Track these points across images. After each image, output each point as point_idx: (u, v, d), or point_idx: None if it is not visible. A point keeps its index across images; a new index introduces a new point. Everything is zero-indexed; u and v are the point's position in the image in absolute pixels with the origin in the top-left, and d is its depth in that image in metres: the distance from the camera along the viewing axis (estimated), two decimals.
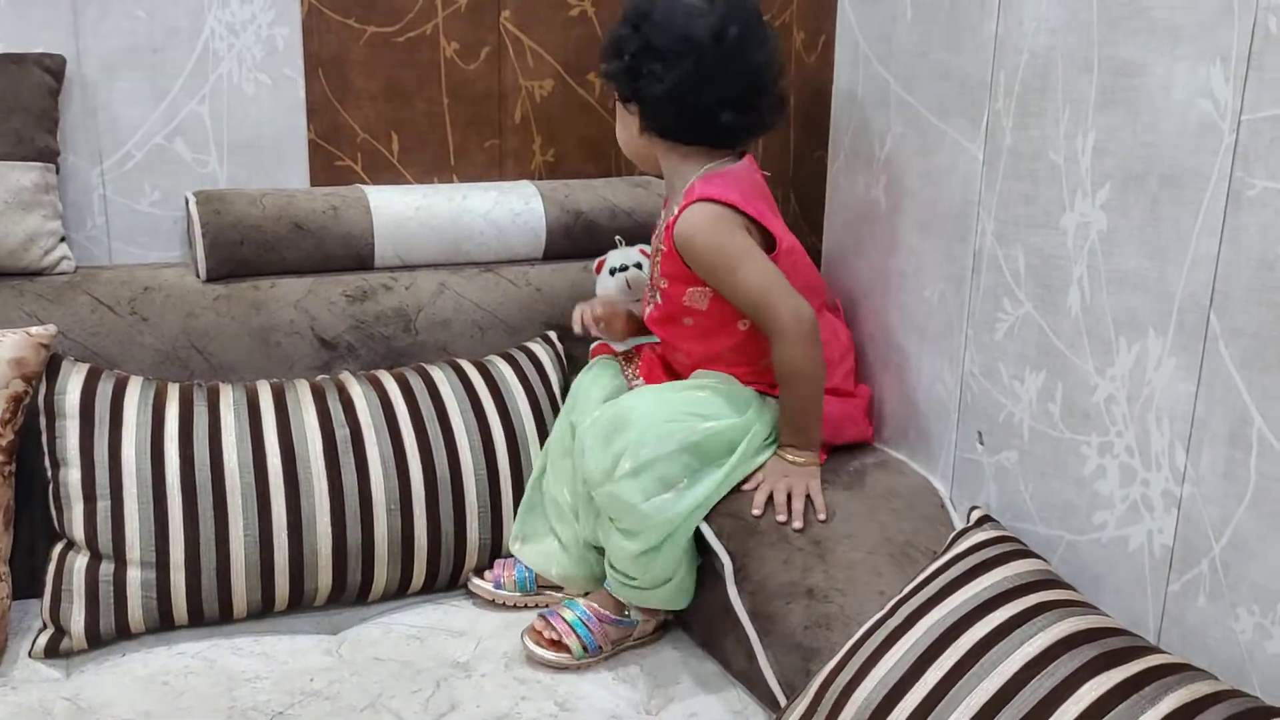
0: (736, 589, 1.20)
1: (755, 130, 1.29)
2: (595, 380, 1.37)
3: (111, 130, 1.46)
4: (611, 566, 1.25)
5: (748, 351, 1.28)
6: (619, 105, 1.32)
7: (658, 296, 1.31)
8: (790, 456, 1.23)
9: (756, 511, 1.21)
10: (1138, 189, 0.97)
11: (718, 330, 1.28)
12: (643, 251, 1.51)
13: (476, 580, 1.35)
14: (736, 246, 1.21)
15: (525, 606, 1.33)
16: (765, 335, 1.23)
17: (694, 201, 1.23)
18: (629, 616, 1.26)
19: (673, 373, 1.36)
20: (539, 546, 1.35)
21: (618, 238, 1.54)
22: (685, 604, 1.27)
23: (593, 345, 1.51)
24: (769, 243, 1.25)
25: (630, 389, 1.34)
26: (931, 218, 1.24)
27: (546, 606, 1.30)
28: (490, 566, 1.36)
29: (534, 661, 1.22)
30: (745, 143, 1.30)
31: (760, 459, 1.25)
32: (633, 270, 1.48)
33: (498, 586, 1.33)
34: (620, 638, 1.26)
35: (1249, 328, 0.88)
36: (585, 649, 1.23)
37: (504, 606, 1.33)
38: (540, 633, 1.23)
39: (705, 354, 1.31)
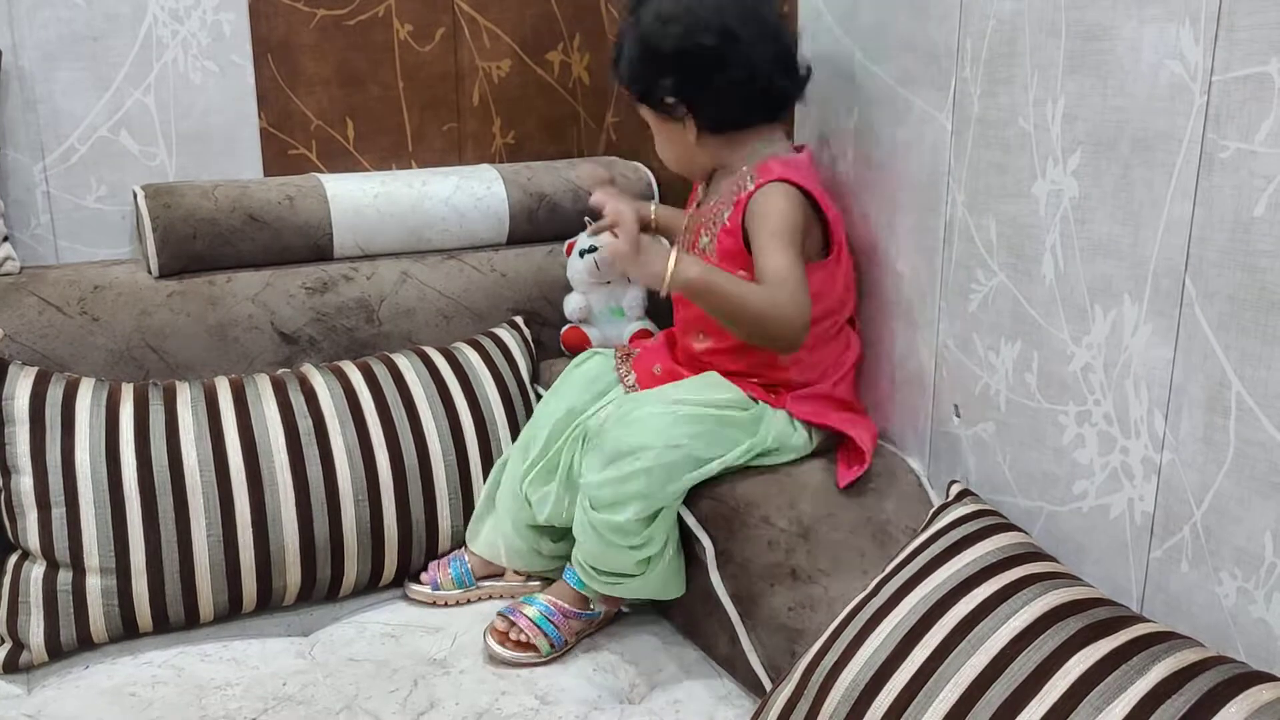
0: (718, 572, 1.18)
1: (802, 85, 1.27)
2: (587, 370, 1.34)
3: (53, 123, 1.41)
4: (594, 569, 1.22)
5: (759, 354, 1.24)
6: (661, 125, 1.27)
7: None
8: (671, 255, 1.15)
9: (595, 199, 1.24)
10: (1109, 154, 0.95)
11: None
12: (613, 233, 1.48)
13: (414, 586, 1.32)
14: (792, 227, 1.19)
15: (467, 601, 1.31)
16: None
17: (777, 180, 1.20)
18: (592, 609, 1.25)
19: (674, 360, 1.32)
20: (488, 535, 1.33)
21: (588, 219, 1.51)
22: (680, 592, 1.25)
23: (564, 329, 1.49)
24: (823, 247, 1.24)
25: (625, 390, 1.31)
26: (901, 190, 1.22)
27: (488, 599, 1.29)
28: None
29: (498, 662, 1.20)
30: (792, 105, 1.30)
31: (753, 457, 1.23)
32: (603, 251, 1.45)
33: (435, 588, 1.31)
34: (582, 629, 1.25)
35: (1225, 290, 0.87)
36: (553, 645, 1.21)
37: (446, 605, 1.30)
38: (504, 633, 1.21)
39: (729, 343, 1.25)
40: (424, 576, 1.33)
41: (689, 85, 1.22)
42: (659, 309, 1.48)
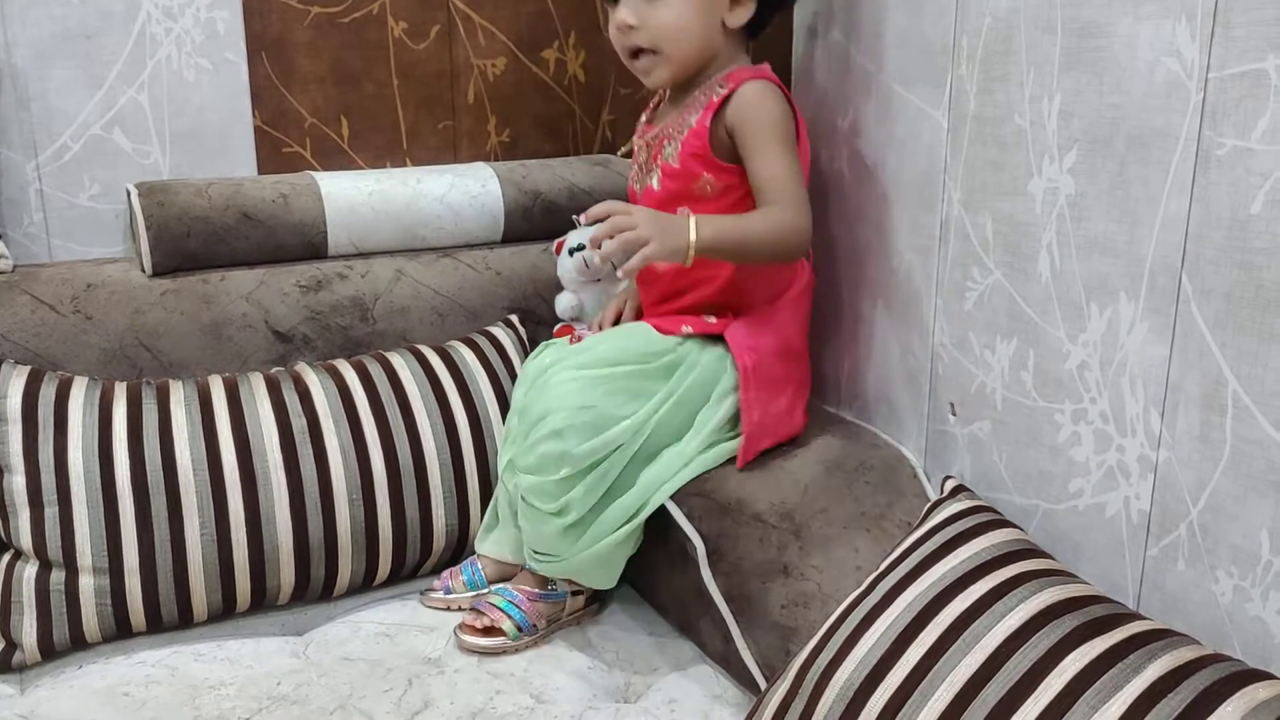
0: (710, 570, 1.18)
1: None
2: (540, 363, 1.33)
3: (46, 122, 1.40)
4: (533, 551, 1.24)
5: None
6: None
7: (655, 179, 1.25)
8: (691, 223, 1.11)
9: (583, 218, 1.17)
10: (1105, 151, 0.95)
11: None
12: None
13: (430, 594, 1.32)
14: (787, 128, 1.18)
15: None
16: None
17: (755, 78, 1.19)
18: (555, 589, 1.25)
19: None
20: (494, 536, 1.33)
21: (576, 217, 1.51)
22: (610, 584, 1.26)
23: (557, 327, 1.48)
24: None
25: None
26: (897, 188, 1.22)
27: None
28: (457, 555, 1.35)
29: (469, 650, 1.21)
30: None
31: (720, 449, 1.23)
32: (590, 250, 1.45)
33: (448, 593, 1.32)
34: (553, 613, 1.25)
35: (1221, 288, 0.87)
36: (519, 629, 1.22)
37: (461, 609, 1.30)
38: (472, 624, 1.22)
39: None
40: (436, 584, 1.33)
41: None
42: None
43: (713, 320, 1.25)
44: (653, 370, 1.22)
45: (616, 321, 1.39)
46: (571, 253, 1.46)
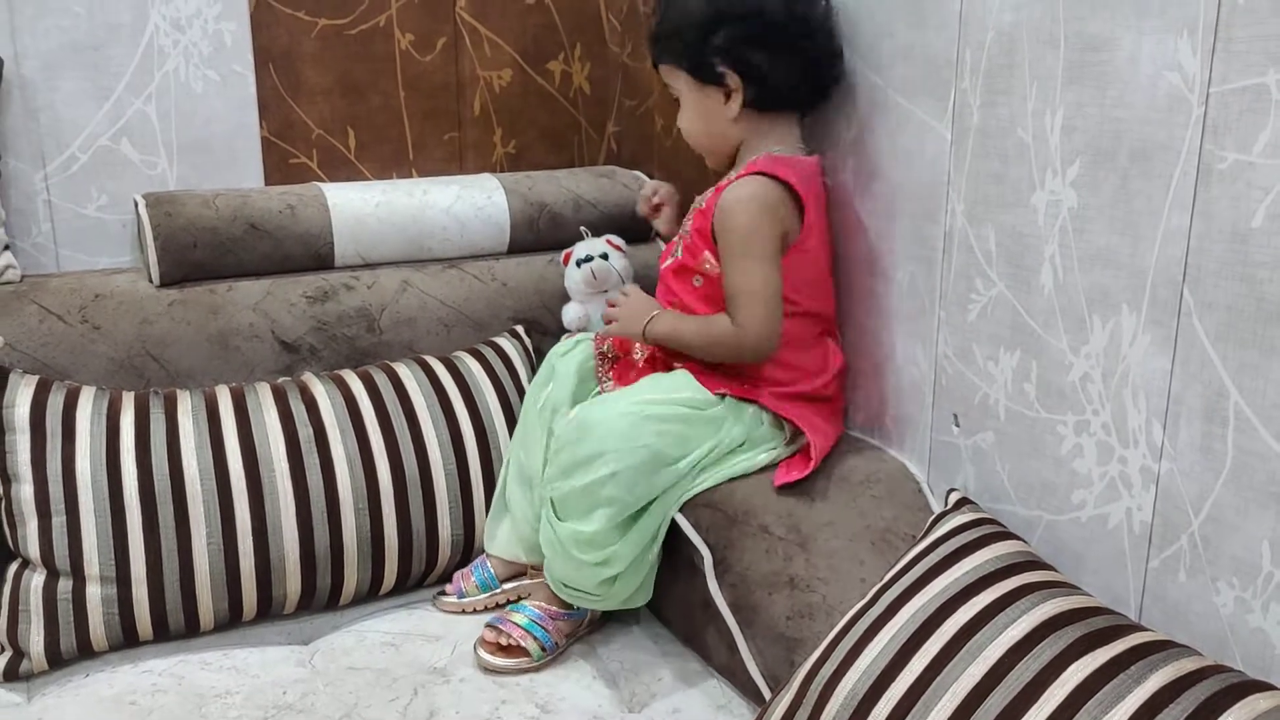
0: (716, 581, 1.18)
1: (839, 80, 1.29)
2: (571, 360, 1.34)
3: (54, 132, 1.41)
4: (566, 586, 1.23)
5: None
6: (699, 98, 1.26)
7: (680, 250, 1.30)
8: (646, 319, 1.26)
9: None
10: (1108, 165, 0.96)
11: (718, 300, 1.25)
12: (610, 242, 1.49)
13: (443, 598, 1.33)
14: (761, 237, 1.20)
15: (496, 606, 1.32)
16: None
17: (754, 173, 1.22)
18: (576, 609, 1.25)
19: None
20: (505, 535, 1.33)
21: (584, 229, 1.52)
22: (648, 598, 1.26)
23: (562, 339, 1.49)
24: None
25: (600, 391, 1.32)
26: (900, 199, 1.22)
27: (516, 600, 1.30)
28: (462, 565, 1.35)
29: (492, 671, 1.20)
30: (826, 99, 1.30)
31: (729, 464, 1.23)
32: (599, 261, 1.45)
33: (461, 596, 1.32)
34: (572, 630, 1.26)
35: (1223, 301, 0.87)
36: (543, 649, 1.21)
37: (475, 612, 1.30)
38: (495, 643, 1.21)
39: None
40: (448, 588, 1.33)
41: (748, 50, 1.22)
42: None
43: (749, 387, 1.25)
44: (702, 418, 1.22)
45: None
46: (579, 264, 1.46)
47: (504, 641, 1.21)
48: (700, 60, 1.24)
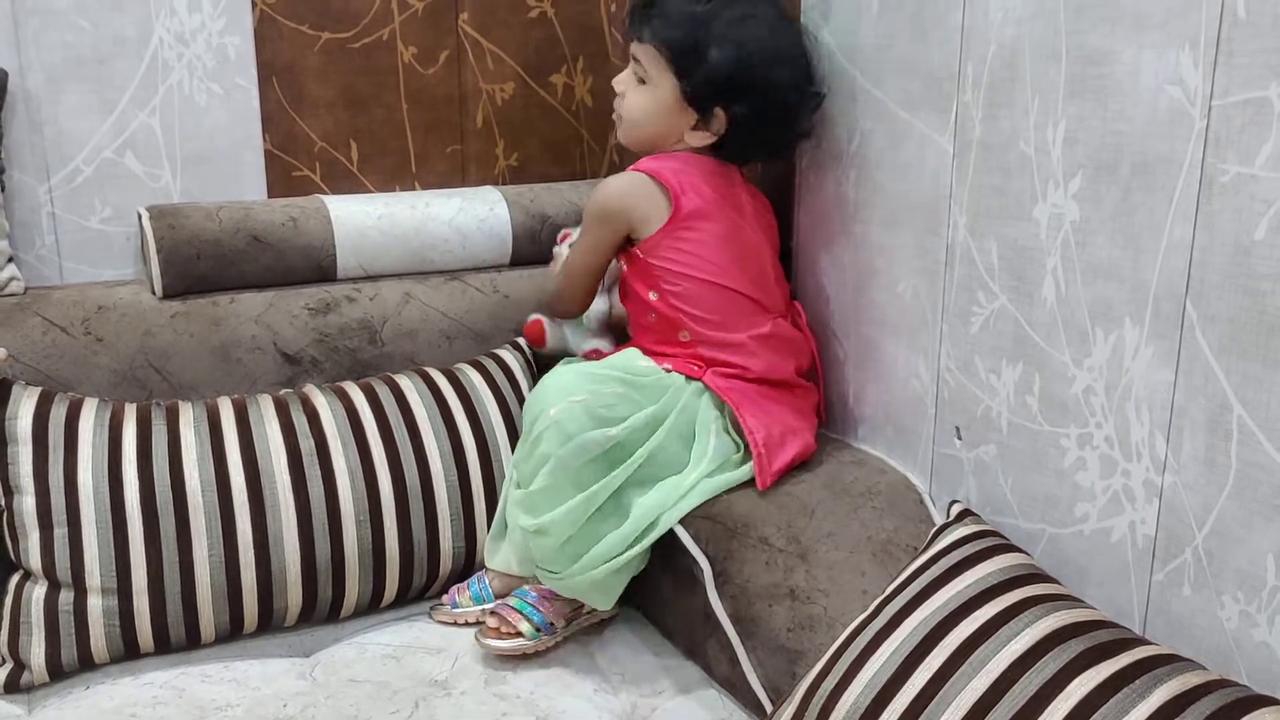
0: (717, 593, 1.18)
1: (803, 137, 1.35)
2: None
3: (58, 145, 1.42)
4: (535, 563, 1.25)
5: (661, 327, 1.30)
6: (664, 95, 1.27)
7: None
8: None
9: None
10: (1109, 178, 0.96)
11: (629, 295, 1.34)
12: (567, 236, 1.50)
13: (438, 608, 1.33)
14: (596, 220, 1.31)
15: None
16: (673, 312, 1.27)
17: (633, 169, 1.29)
18: None
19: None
20: (501, 550, 1.34)
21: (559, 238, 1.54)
22: (608, 606, 1.27)
23: (527, 320, 1.50)
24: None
25: None
26: (902, 212, 1.23)
27: None
28: (464, 577, 1.35)
29: (493, 655, 1.22)
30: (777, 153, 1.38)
31: (727, 476, 1.24)
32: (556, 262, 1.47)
33: (455, 608, 1.32)
34: (572, 614, 1.27)
35: (1225, 314, 0.87)
36: (539, 629, 1.23)
37: (468, 624, 1.30)
38: (494, 628, 1.24)
39: (633, 318, 1.36)
40: (444, 598, 1.34)
41: (746, 109, 1.25)
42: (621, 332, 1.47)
43: (696, 367, 1.28)
44: (642, 384, 1.25)
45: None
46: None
47: (501, 626, 1.23)
48: (697, 83, 1.25)
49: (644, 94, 1.29)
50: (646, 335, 1.33)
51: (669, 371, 1.28)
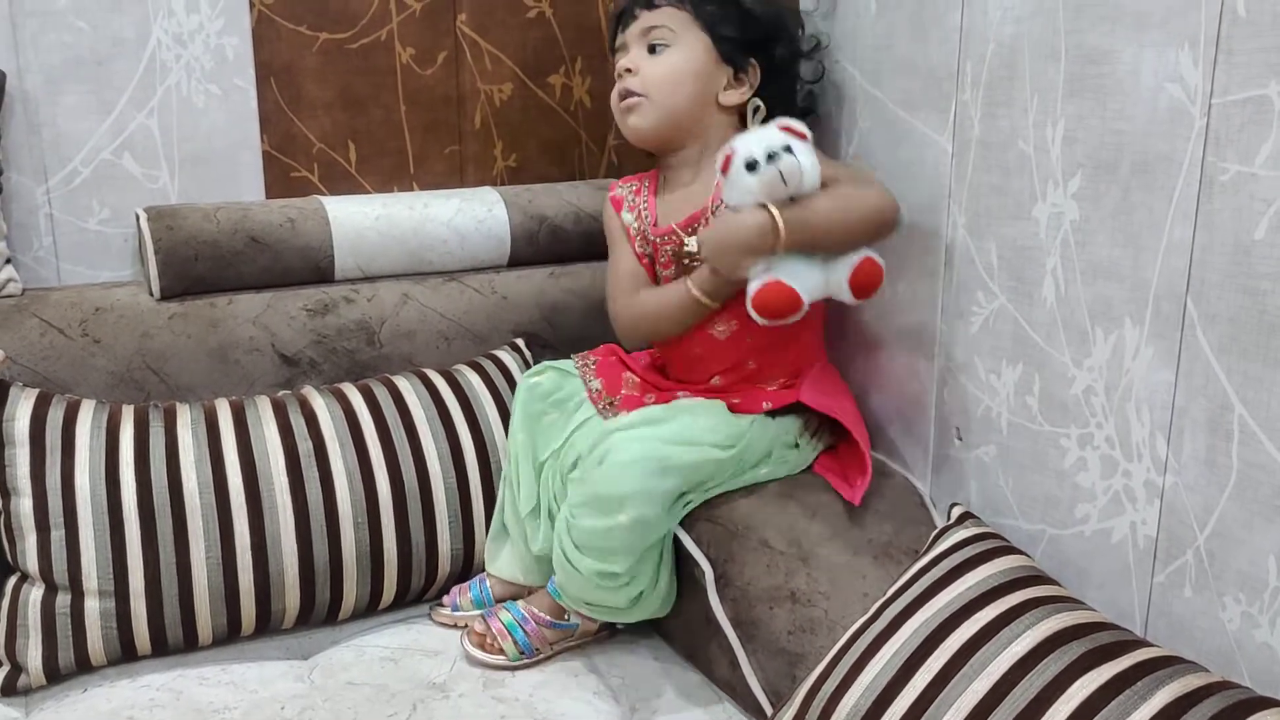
0: (718, 596, 1.18)
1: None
2: (519, 406, 1.33)
3: (56, 146, 1.41)
4: (586, 603, 1.22)
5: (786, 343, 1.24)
6: (696, 53, 1.22)
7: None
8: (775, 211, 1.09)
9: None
10: (1109, 177, 0.96)
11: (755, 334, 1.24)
12: (789, 129, 1.10)
13: (438, 609, 1.33)
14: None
15: None
16: (762, 332, 1.20)
17: None
18: (568, 620, 1.25)
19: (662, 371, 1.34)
20: (506, 558, 1.33)
21: (753, 105, 1.24)
22: (667, 610, 1.25)
23: (756, 289, 1.37)
24: None
25: (604, 417, 1.28)
26: (902, 212, 1.22)
27: None
28: (462, 579, 1.34)
29: (471, 662, 1.22)
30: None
31: (754, 472, 1.23)
32: (785, 157, 1.06)
33: (455, 610, 1.32)
34: (558, 639, 1.25)
35: (1226, 313, 0.87)
36: (521, 652, 1.22)
37: (466, 627, 1.30)
38: (481, 635, 1.23)
39: (751, 365, 1.27)
40: (445, 599, 1.33)
41: (783, 49, 1.25)
42: None
43: (788, 389, 1.24)
44: (728, 458, 1.20)
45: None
46: (751, 167, 1.08)
47: (486, 637, 1.23)
48: (731, 36, 1.23)
49: (668, 59, 1.22)
50: (758, 372, 1.25)
51: (768, 413, 1.22)
